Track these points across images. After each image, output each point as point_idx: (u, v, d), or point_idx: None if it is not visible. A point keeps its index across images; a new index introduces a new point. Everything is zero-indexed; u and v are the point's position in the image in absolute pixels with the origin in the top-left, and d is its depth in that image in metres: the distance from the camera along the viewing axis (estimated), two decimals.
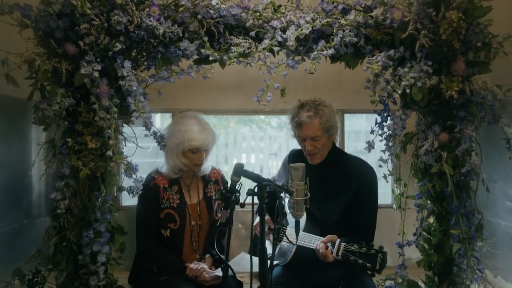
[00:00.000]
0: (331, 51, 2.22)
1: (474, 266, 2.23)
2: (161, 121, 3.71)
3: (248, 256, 2.25)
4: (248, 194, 1.87)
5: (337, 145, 3.34)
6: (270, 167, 4.03)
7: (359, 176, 2.31)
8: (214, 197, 2.58)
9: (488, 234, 2.46)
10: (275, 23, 2.26)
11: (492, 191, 2.43)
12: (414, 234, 2.39)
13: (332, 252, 2.10)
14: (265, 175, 3.45)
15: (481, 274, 2.24)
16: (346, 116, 3.47)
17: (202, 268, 2.38)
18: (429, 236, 2.39)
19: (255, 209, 1.92)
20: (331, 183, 2.32)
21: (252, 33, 2.26)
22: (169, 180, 2.49)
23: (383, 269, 2.05)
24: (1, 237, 2.45)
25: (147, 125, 2.22)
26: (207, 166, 2.58)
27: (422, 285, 2.47)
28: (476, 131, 2.26)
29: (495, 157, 2.61)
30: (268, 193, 1.89)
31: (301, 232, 2.19)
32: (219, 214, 2.02)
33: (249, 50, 2.24)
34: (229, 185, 1.95)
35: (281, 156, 2.67)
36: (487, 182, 2.30)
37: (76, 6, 2.01)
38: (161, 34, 2.14)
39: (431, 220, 2.40)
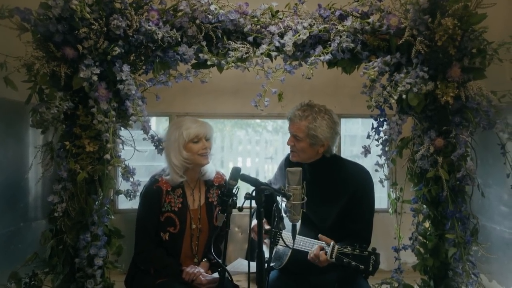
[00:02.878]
0: (328, 57, 2.24)
1: (469, 270, 2.25)
2: (156, 124, 3.71)
3: (245, 261, 2.26)
4: (246, 198, 1.87)
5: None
6: (266, 171, 4.02)
7: (355, 180, 2.31)
8: (215, 203, 2.56)
9: (483, 238, 2.48)
10: (272, 28, 2.28)
11: (487, 196, 2.46)
12: (410, 239, 2.40)
13: (326, 253, 2.11)
14: (261, 179, 3.44)
15: (476, 278, 2.26)
16: (343, 120, 3.48)
17: (199, 271, 2.38)
18: (424, 241, 2.41)
19: (252, 213, 1.92)
20: (327, 187, 2.32)
21: (250, 38, 2.28)
22: (172, 185, 2.47)
23: (376, 271, 2.05)
24: None
25: (145, 129, 2.24)
26: (212, 170, 2.55)
27: None
28: (472, 137, 2.29)
29: (490, 162, 2.63)
30: (265, 197, 1.89)
31: (297, 236, 2.20)
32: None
33: (246, 55, 2.26)
34: (226, 189, 1.96)
35: (277, 160, 2.68)
36: (482, 187, 2.33)
37: (76, 10, 2.02)
38: (159, 38, 2.16)
39: (427, 224, 2.42)
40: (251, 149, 4.09)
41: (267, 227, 2.41)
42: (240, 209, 1.91)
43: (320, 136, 2.25)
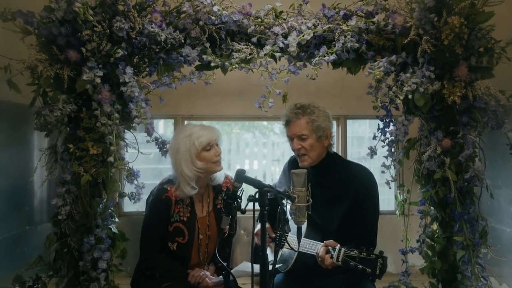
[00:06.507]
0: (332, 57, 2.22)
1: (478, 273, 2.21)
2: (164, 128, 3.71)
3: (250, 264, 2.24)
4: (249, 200, 1.85)
5: (340, 150, 3.36)
6: (273, 173, 4.01)
7: (358, 182, 2.28)
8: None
9: (493, 241, 2.44)
10: (276, 29, 2.26)
11: (496, 198, 2.42)
12: (418, 241, 2.37)
13: (332, 256, 2.08)
14: (268, 181, 3.43)
15: (486, 281, 2.22)
16: (349, 122, 3.45)
17: (204, 274, 2.36)
18: (432, 243, 2.37)
19: (256, 216, 1.90)
20: (331, 189, 2.30)
21: (254, 39, 2.26)
22: (182, 197, 2.39)
23: (383, 274, 2.03)
24: (3, 243, 2.45)
25: (149, 131, 2.23)
26: (220, 175, 2.49)
27: None
28: (479, 137, 2.24)
29: (499, 163, 2.59)
30: (269, 200, 1.87)
31: (302, 239, 2.18)
32: (227, 226, 1.99)
33: (250, 56, 2.25)
34: (231, 191, 1.94)
35: (284, 162, 2.65)
36: (491, 188, 2.28)
37: (79, 13, 2.02)
38: (163, 40, 2.15)
39: (435, 226, 2.38)
40: (258, 152, 4.08)
41: (272, 235, 2.39)
42: (243, 211, 1.90)
43: (323, 125, 2.28)
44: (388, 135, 2.30)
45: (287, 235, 2.27)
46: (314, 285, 2.31)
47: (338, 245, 2.10)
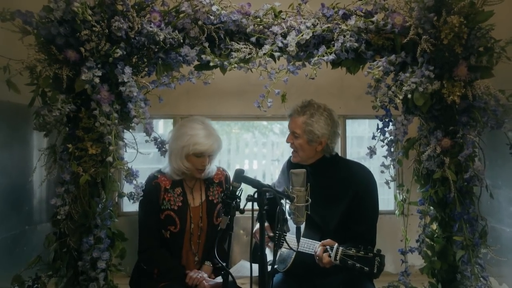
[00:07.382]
0: (332, 57, 2.22)
1: (478, 273, 2.20)
2: (164, 127, 3.71)
3: (248, 263, 2.23)
4: (247, 200, 1.85)
5: (339, 150, 3.35)
6: (273, 173, 4.01)
7: (357, 180, 2.28)
8: (216, 200, 2.54)
9: (492, 241, 2.43)
10: (275, 28, 2.26)
11: (496, 197, 2.41)
12: (417, 241, 2.36)
13: (330, 256, 2.08)
14: (268, 181, 3.42)
15: (486, 281, 2.22)
16: (348, 121, 3.45)
17: (202, 276, 2.37)
18: (432, 243, 2.36)
19: (255, 216, 1.90)
20: (330, 188, 2.30)
21: (253, 39, 2.26)
22: (172, 182, 2.48)
23: (381, 272, 2.02)
24: (2, 243, 2.44)
25: (148, 131, 2.23)
26: (212, 170, 2.54)
27: None
28: (479, 137, 2.24)
29: (499, 162, 2.58)
30: (268, 200, 1.87)
31: (301, 238, 2.18)
32: (220, 218, 2.00)
33: (249, 56, 2.24)
34: (229, 191, 1.94)
35: (283, 162, 2.66)
36: (491, 188, 2.28)
37: (77, 12, 2.01)
38: (161, 40, 2.15)
39: (434, 226, 2.38)
40: (257, 151, 4.08)
41: (270, 234, 2.39)
42: (242, 211, 1.90)
43: (317, 132, 2.25)
44: (387, 134, 2.30)
45: (286, 235, 2.27)
46: (313, 285, 2.31)
47: (336, 244, 2.10)
